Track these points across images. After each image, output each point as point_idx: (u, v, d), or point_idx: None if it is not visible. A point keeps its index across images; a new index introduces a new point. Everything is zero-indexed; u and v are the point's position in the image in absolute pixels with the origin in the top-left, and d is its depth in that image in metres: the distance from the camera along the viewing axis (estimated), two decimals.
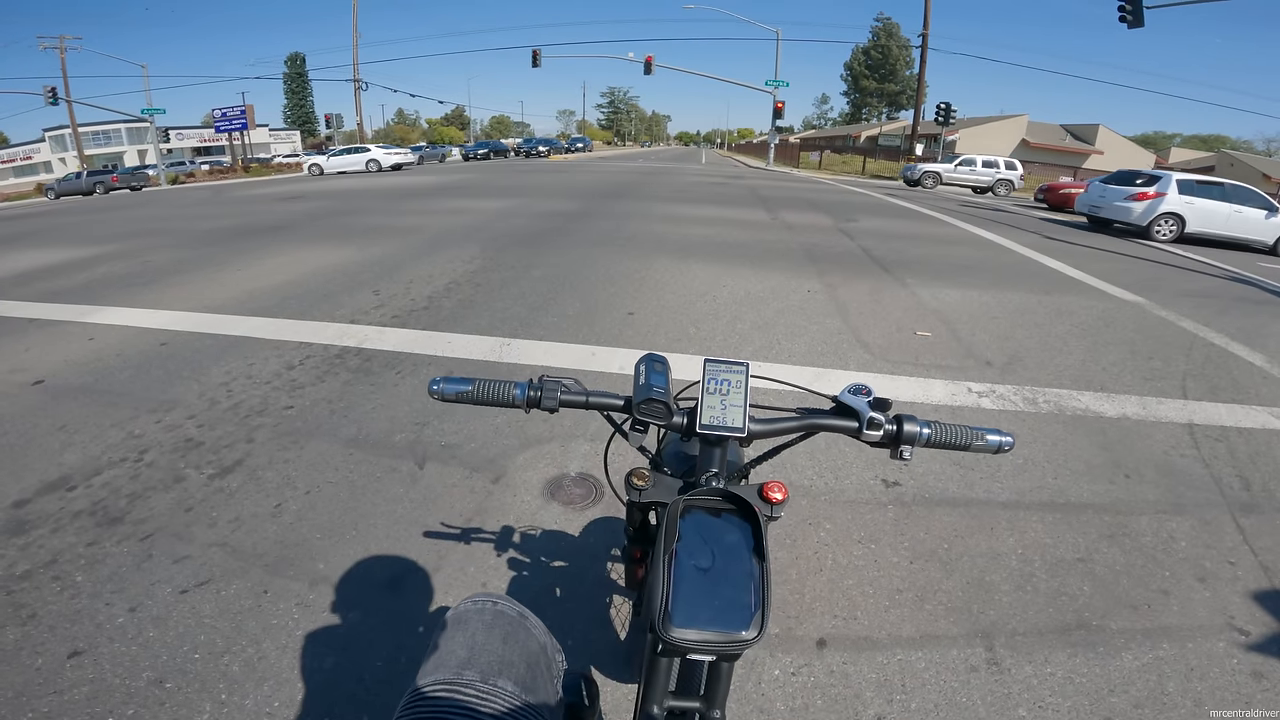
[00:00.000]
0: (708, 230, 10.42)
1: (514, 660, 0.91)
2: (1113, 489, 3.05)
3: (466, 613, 0.97)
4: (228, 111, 41.55)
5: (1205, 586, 2.42)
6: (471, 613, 0.97)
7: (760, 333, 5.08)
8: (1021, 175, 26.38)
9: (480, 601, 1.00)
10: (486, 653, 0.90)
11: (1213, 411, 3.95)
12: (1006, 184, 25.88)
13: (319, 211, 13.26)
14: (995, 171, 26.00)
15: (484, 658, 0.89)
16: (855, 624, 2.15)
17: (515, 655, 0.92)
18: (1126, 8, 17.38)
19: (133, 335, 4.95)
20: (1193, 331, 5.70)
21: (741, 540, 0.94)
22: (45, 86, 33.35)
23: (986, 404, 3.89)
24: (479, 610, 0.97)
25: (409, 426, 3.40)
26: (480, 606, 0.98)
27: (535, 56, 33.59)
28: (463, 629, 0.94)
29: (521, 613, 1.01)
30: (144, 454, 3.13)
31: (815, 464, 3.09)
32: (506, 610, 0.99)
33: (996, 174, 25.98)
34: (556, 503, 2.76)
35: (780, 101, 34.25)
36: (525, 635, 0.97)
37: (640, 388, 1.03)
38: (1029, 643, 2.10)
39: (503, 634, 0.94)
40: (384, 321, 5.20)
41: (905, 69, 73.82)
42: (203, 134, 61.50)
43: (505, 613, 0.99)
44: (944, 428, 1.04)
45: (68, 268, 7.88)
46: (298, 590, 2.22)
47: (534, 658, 0.95)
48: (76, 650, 1.96)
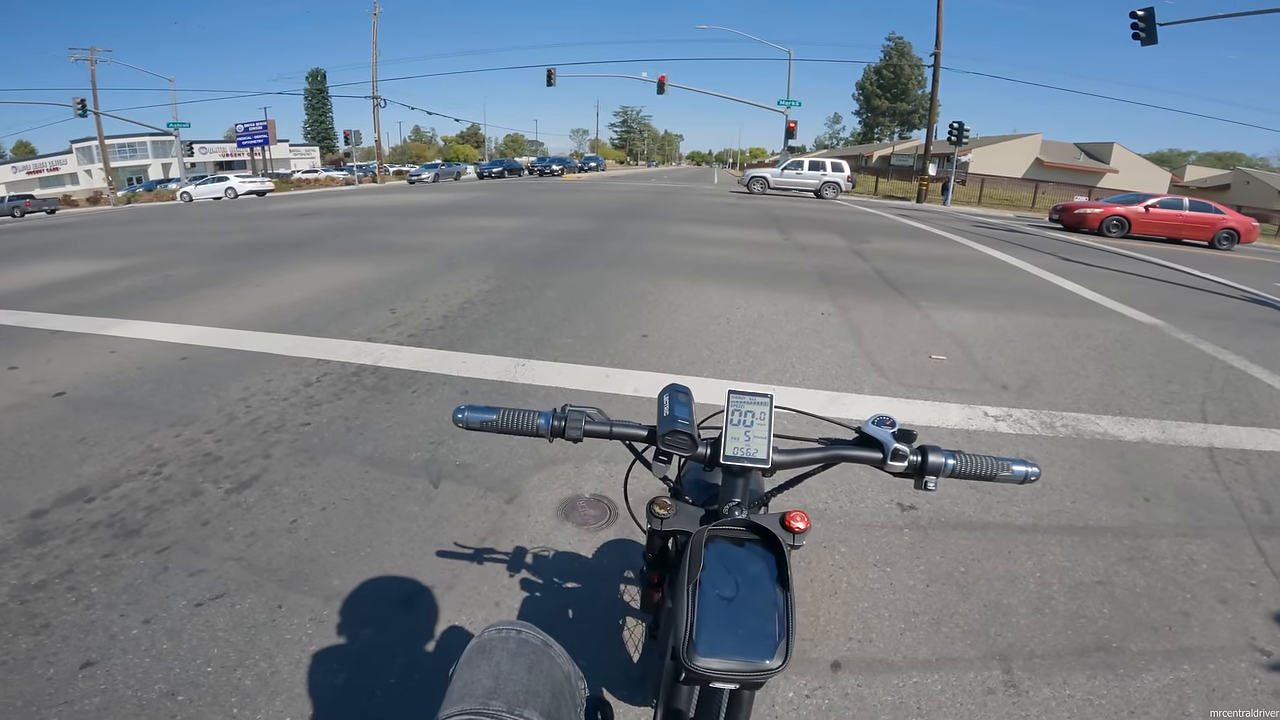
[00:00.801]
0: (721, 251, 10.45)
1: (539, 690, 0.91)
2: (1132, 512, 3.01)
3: (491, 641, 0.97)
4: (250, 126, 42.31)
5: (1226, 608, 2.39)
6: (496, 641, 0.97)
7: (774, 356, 5.07)
8: (850, 177, 27.59)
9: (504, 630, 1.00)
10: (512, 682, 0.90)
11: (1233, 435, 3.90)
12: (834, 186, 27.03)
13: (337, 228, 13.42)
14: (822, 174, 27.13)
15: (510, 687, 0.89)
16: (870, 647, 2.13)
17: (540, 685, 0.92)
18: (1139, 25, 17.42)
19: (154, 349, 5.02)
20: (1212, 354, 5.64)
21: (765, 569, 0.94)
22: (74, 98, 34.11)
23: (1003, 428, 3.86)
24: (503, 639, 0.97)
25: (424, 445, 3.42)
26: (504, 635, 0.98)
27: (550, 75, 33.97)
28: (487, 658, 0.94)
29: (545, 641, 1.01)
30: (162, 467, 3.16)
31: (830, 487, 3.08)
32: (531, 639, 0.99)
33: (823, 176, 27.06)
34: (570, 524, 2.76)
35: (792, 121, 34.38)
36: (550, 664, 0.97)
37: (665, 419, 1.04)
38: (1047, 665, 2.08)
39: (528, 663, 0.94)
40: (400, 340, 5.24)
41: (917, 88, 73.97)
42: (225, 148, 62.54)
43: (529, 641, 0.99)
44: (969, 458, 1.04)
45: (92, 280, 8.01)
46: (312, 606, 2.23)
47: (559, 687, 0.95)
48: (89, 661, 1.98)
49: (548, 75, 33.94)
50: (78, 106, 34.21)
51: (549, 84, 34.08)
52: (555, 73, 34.01)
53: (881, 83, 77.73)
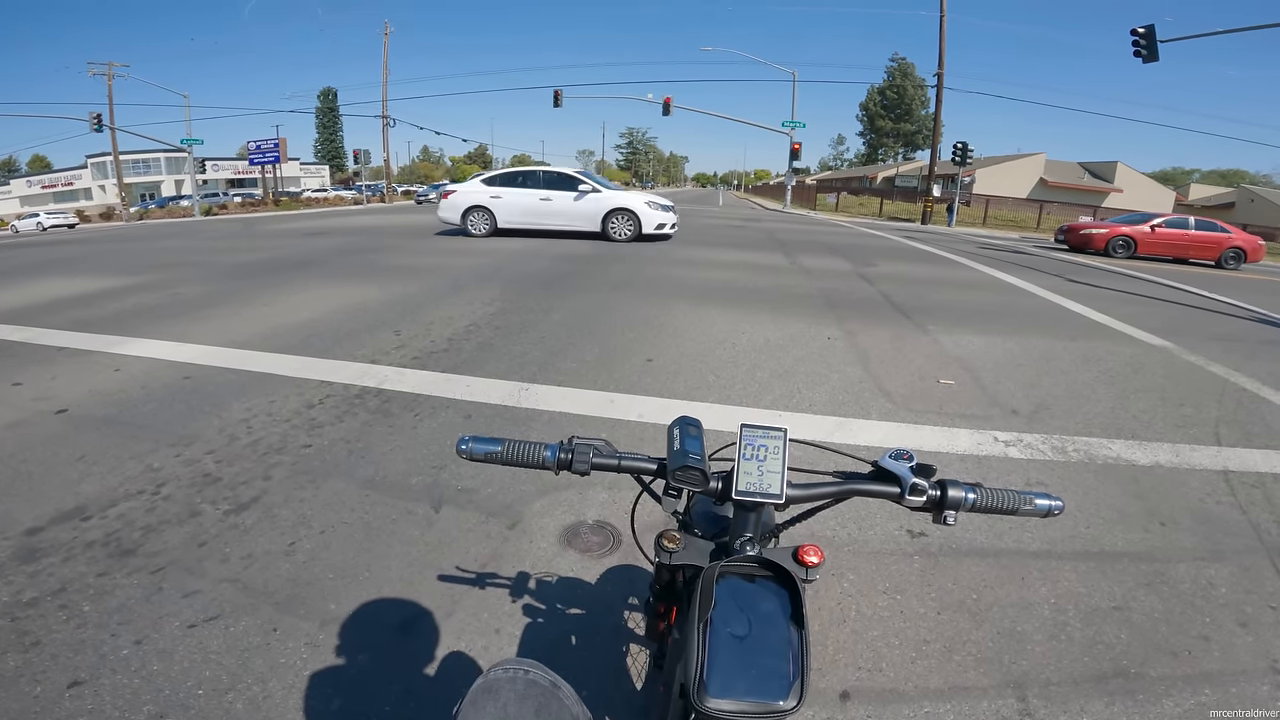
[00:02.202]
0: (726, 275, 10.45)
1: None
2: (1148, 537, 2.95)
3: (497, 682, 0.94)
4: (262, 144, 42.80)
5: (1247, 631, 2.33)
6: (503, 682, 0.94)
7: (780, 381, 5.03)
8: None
9: (511, 670, 0.96)
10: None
11: (1248, 458, 3.83)
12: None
13: (345, 248, 13.49)
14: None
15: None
16: (880, 676, 2.07)
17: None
18: (1141, 42, 17.51)
19: (158, 368, 5.01)
20: (1223, 376, 5.58)
21: (779, 607, 0.91)
22: (90, 113, 34.57)
23: (1014, 453, 3.80)
24: (510, 679, 0.94)
25: (426, 469, 3.38)
26: (512, 675, 0.95)
27: (557, 96, 34.32)
28: (494, 699, 0.90)
29: (554, 682, 0.97)
30: (161, 487, 3.13)
31: (838, 514, 3.02)
32: (539, 680, 0.96)
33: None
34: (573, 550, 2.71)
35: (797, 142, 34.67)
36: (559, 707, 0.93)
37: (675, 453, 1.01)
38: (1064, 692, 2.02)
39: (535, 706, 0.91)
40: (404, 363, 5.22)
41: (921, 108, 74.44)
42: (237, 166, 63.29)
43: (537, 682, 0.95)
44: (989, 492, 1.01)
45: (99, 297, 8.05)
46: (308, 630, 2.19)
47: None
48: (77, 680, 1.94)
49: (555, 96, 34.30)
50: (94, 121, 34.67)
51: (556, 105, 34.41)
52: (562, 94, 34.38)
53: (885, 103, 78.33)
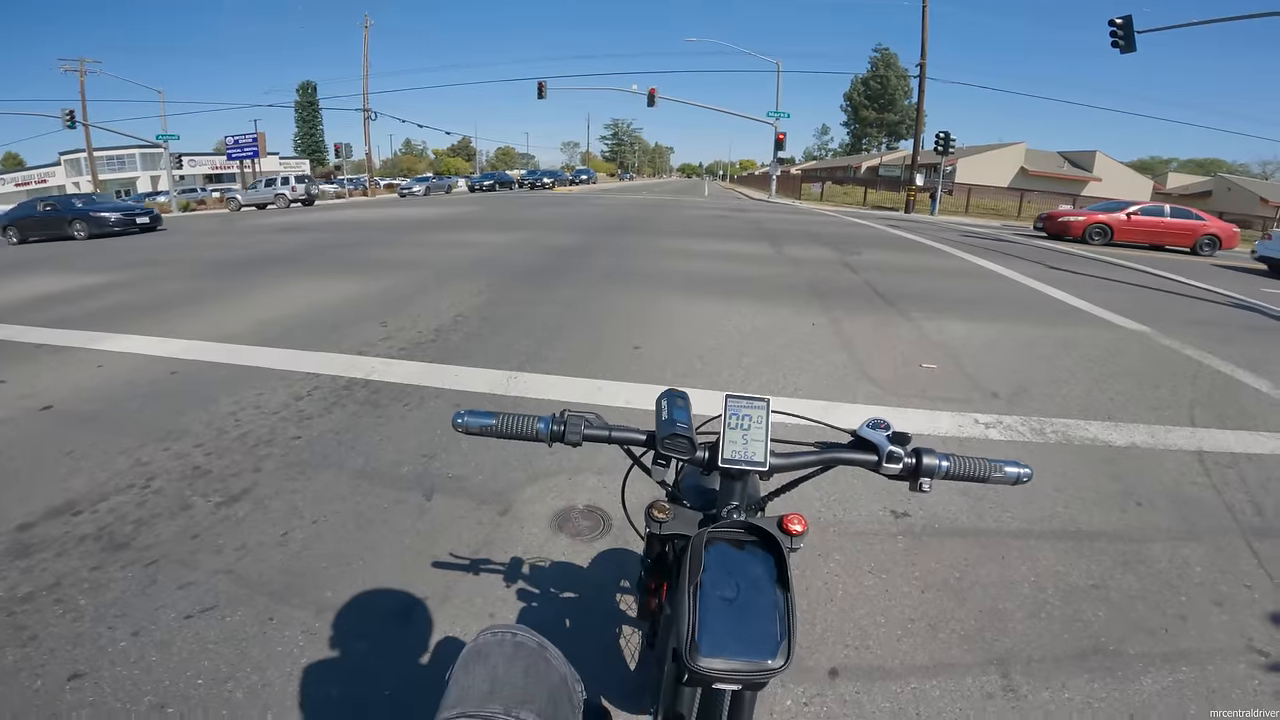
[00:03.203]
0: (712, 265, 10.49)
1: (536, 692, 0.91)
2: (1125, 517, 3.03)
3: (487, 645, 0.97)
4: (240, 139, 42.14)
5: (1222, 610, 2.40)
6: (492, 645, 0.97)
7: (767, 367, 5.08)
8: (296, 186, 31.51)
9: (500, 633, 1.00)
10: (509, 685, 0.90)
11: (1221, 439, 3.93)
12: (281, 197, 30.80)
13: (328, 243, 13.40)
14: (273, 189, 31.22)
15: (506, 690, 0.89)
16: (868, 654, 2.13)
17: (537, 687, 0.92)
18: (1118, 33, 17.63)
19: (143, 363, 4.98)
20: (1198, 359, 5.69)
21: (765, 571, 0.94)
22: (63, 110, 33.81)
23: (994, 435, 3.88)
24: (499, 642, 0.97)
25: (416, 458, 3.40)
26: (500, 639, 0.98)
27: (541, 88, 34.12)
28: (484, 662, 0.94)
29: (541, 643, 1.01)
30: (151, 481, 3.13)
31: (824, 495, 3.08)
32: (526, 642, 0.99)
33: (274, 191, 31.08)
34: (564, 535, 2.75)
35: (781, 133, 34.70)
36: (546, 666, 0.97)
37: (663, 423, 1.04)
38: (1045, 669, 2.08)
39: (524, 666, 0.94)
40: (391, 354, 5.22)
41: (904, 99, 74.55)
42: (214, 161, 62.19)
43: (525, 644, 0.99)
44: (962, 460, 1.05)
45: (80, 294, 7.96)
46: (303, 619, 2.21)
47: (555, 689, 0.95)
48: (77, 673, 1.95)
49: (539, 88, 34.09)
50: (66, 118, 33.96)
51: (540, 97, 34.21)
52: (546, 85, 34.18)
53: (869, 94, 78.43)
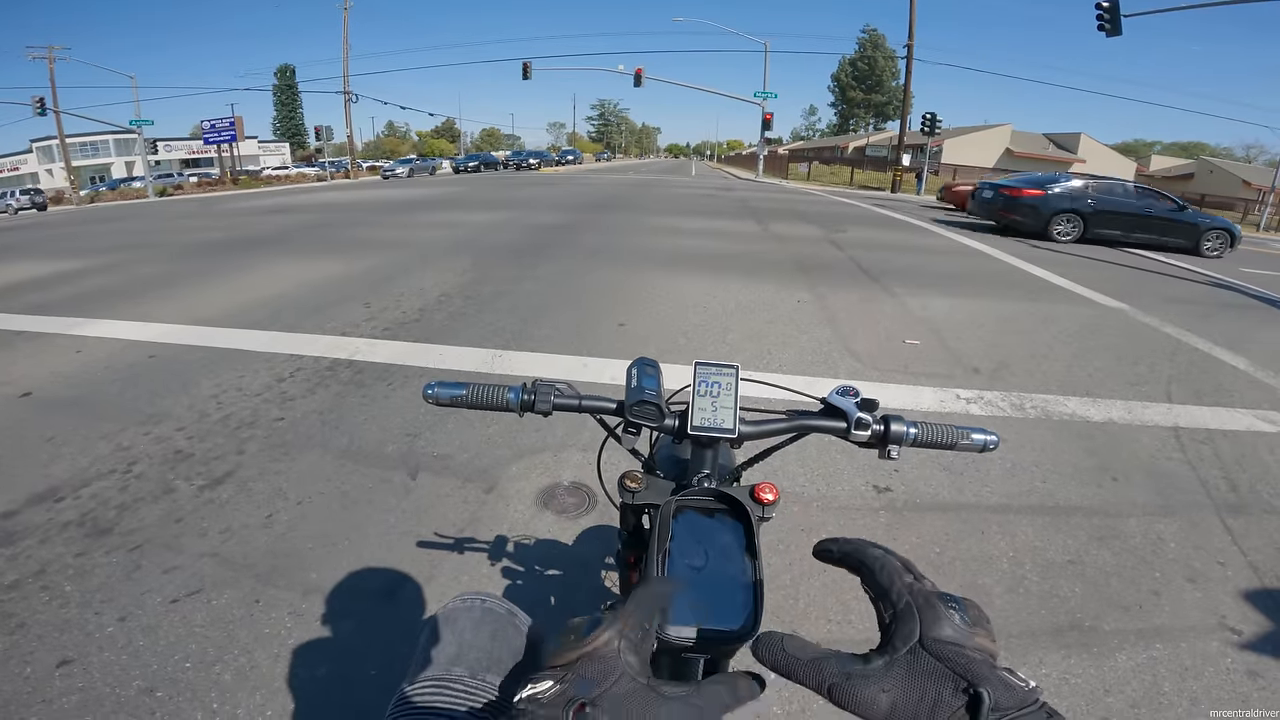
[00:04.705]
0: (698, 242, 10.47)
1: (503, 656, 0.92)
2: (1101, 492, 3.08)
3: (455, 611, 0.99)
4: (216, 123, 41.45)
5: (1196, 587, 2.44)
6: (460, 611, 0.98)
7: (751, 342, 5.10)
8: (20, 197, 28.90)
9: (468, 600, 1.01)
10: (475, 649, 0.91)
11: (1198, 415, 4.00)
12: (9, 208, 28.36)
13: (309, 224, 13.23)
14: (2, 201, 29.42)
15: (472, 654, 0.90)
16: (850, 628, 2.16)
17: (504, 651, 0.93)
18: (1104, 15, 17.62)
19: (121, 348, 4.92)
20: (1176, 337, 5.77)
21: (734, 540, 0.95)
22: (33, 97, 33.11)
23: (975, 410, 3.92)
24: (467, 608, 0.99)
25: (401, 438, 3.40)
26: (469, 605, 1.00)
27: (526, 68, 33.69)
28: (451, 627, 0.95)
29: (510, 609, 1.02)
30: (133, 466, 3.11)
31: (807, 471, 3.11)
32: (495, 608, 1.01)
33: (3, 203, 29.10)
34: (550, 512, 2.76)
35: (769, 113, 34.48)
36: (514, 632, 0.99)
37: (632, 390, 1.05)
38: (1023, 644, 2.12)
39: (491, 631, 0.96)
40: (375, 334, 5.19)
41: (891, 80, 74.33)
42: (191, 146, 61.11)
43: (494, 610, 1.00)
44: (930, 428, 1.06)
45: (55, 280, 7.82)
46: (290, 600, 2.21)
47: (522, 654, 0.96)
48: (66, 659, 1.95)
49: (524, 68, 33.65)
50: (36, 105, 33.23)
51: (525, 77, 33.81)
52: (531, 66, 33.75)
53: (856, 74, 78.15)
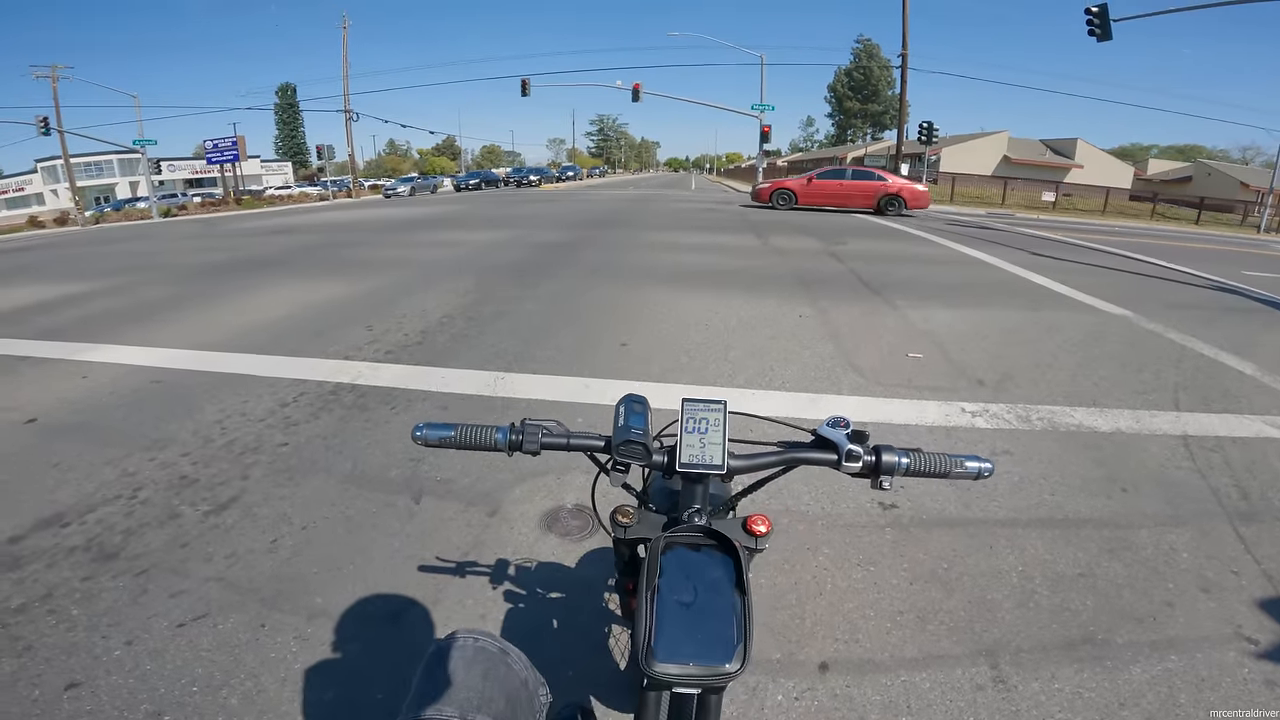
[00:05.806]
0: (699, 258, 10.49)
1: (493, 696, 0.93)
2: (1110, 503, 3.06)
3: (447, 650, 0.99)
4: (219, 143, 41.74)
5: (1210, 597, 2.42)
6: (452, 650, 0.99)
7: (753, 360, 5.10)
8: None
9: (461, 638, 1.02)
10: (465, 689, 0.92)
11: (1206, 422, 3.97)
12: None
13: (312, 245, 13.30)
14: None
15: (462, 694, 0.91)
16: (857, 647, 2.14)
17: (495, 691, 0.94)
18: (1094, 21, 17.74)
19: (126, 373, 4.94)
20: (1181, 343, 5.75)
21: (723, 575, 0.95)
22: (37, 116, 33.39)
23: (981, 423, 3.91)
24: (460, 647, 0.99)
25: (404, 462, 3.40)
26: (461, 643, 1.00)
27: (524, 86, 33.96)
28: (442, 666, 0.96)
29: (503, 648, 1.03)
30: (138, 491, 3.11)
31: (811, 489, 3.10)
32: (487, 646, 1.01)
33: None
34: (553, 535, 2.75)
35: (767, 125, 34.69)
36: (505, 671, 0.99)
37: (619, 429, 1.05)
38: (1034, 659, 2.10)
39: (482, 670, 0.96)
40: (378, 357, 5.20)
41: (887, 89, 74.58)
42: (194, 165, 61.56)
43: (486, 649, 1.01)
44: (923, 457, 1.06)
45: (61, 304, 7.87)
46: (296, 624, 2.21)
47: (514, 693, 0.97)
48: (74, 682, 1.95)
49: (522, 85, 33.94)
50: (41, 125, 33.53)
51: (524, 94, 34.09)
52: (530, 83, 34.03)
53: (852, 85, 78.44)
